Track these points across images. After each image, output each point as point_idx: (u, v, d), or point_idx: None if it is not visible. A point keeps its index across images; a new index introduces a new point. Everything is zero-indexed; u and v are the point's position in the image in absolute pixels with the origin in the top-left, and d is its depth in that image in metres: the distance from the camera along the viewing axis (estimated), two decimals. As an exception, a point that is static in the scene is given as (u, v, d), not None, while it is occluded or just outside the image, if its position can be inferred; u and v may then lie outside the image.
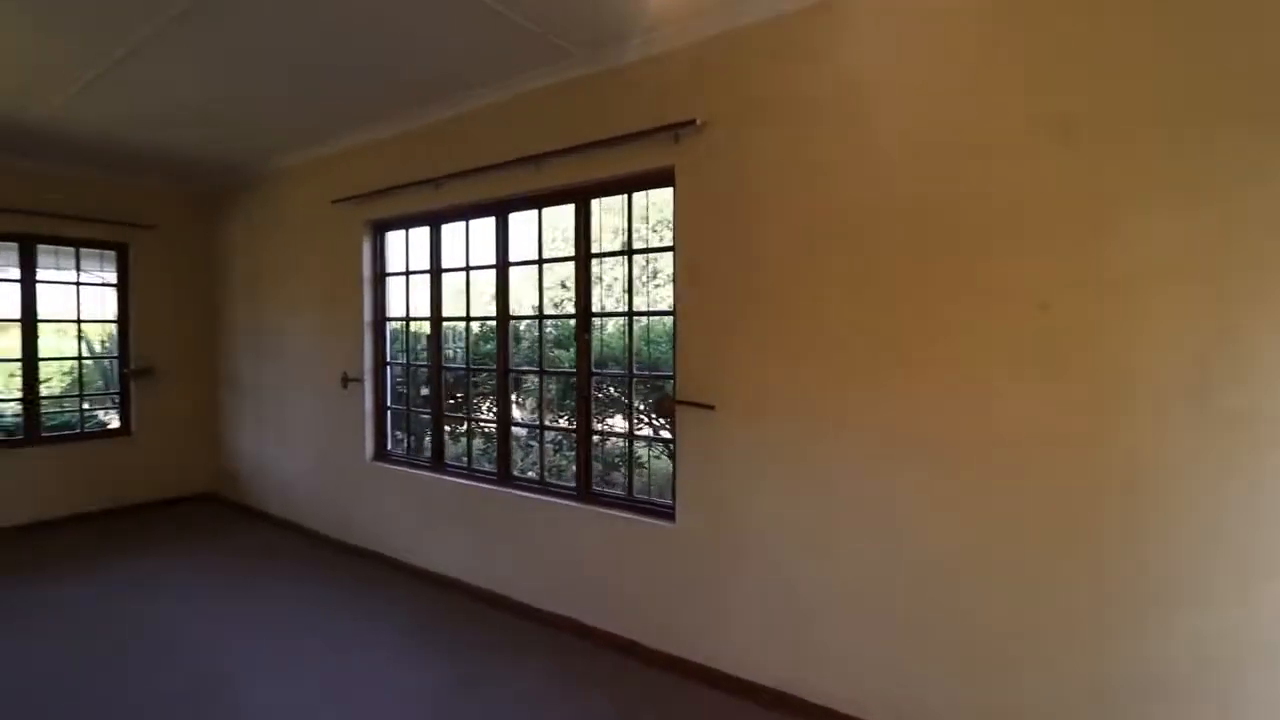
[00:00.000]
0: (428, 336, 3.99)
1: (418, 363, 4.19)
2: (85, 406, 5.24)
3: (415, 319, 4.05)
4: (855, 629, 2.32)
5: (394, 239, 4.14)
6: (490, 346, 4.00)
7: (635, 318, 3.12)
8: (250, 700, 2.51)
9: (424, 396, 4.21)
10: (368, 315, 4.16)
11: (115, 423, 5.30)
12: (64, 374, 5.31)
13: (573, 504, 3.13)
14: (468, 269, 3.69)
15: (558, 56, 2.90)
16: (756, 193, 2.49)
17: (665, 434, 3.39)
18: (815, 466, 2.38)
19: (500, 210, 3.48)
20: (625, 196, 2.99)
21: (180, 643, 2.98)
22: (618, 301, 4.16)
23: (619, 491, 3.14)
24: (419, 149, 3.73)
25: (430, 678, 2.70)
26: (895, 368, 2.20)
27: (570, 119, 3.02)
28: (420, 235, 3.94)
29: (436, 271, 3.86)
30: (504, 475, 3.52)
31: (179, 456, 5.44)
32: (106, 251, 5.15)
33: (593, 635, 3.01)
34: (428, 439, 3.98)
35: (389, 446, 4.22)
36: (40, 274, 4.82)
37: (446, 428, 4.00)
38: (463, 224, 3.70)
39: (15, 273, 4.72)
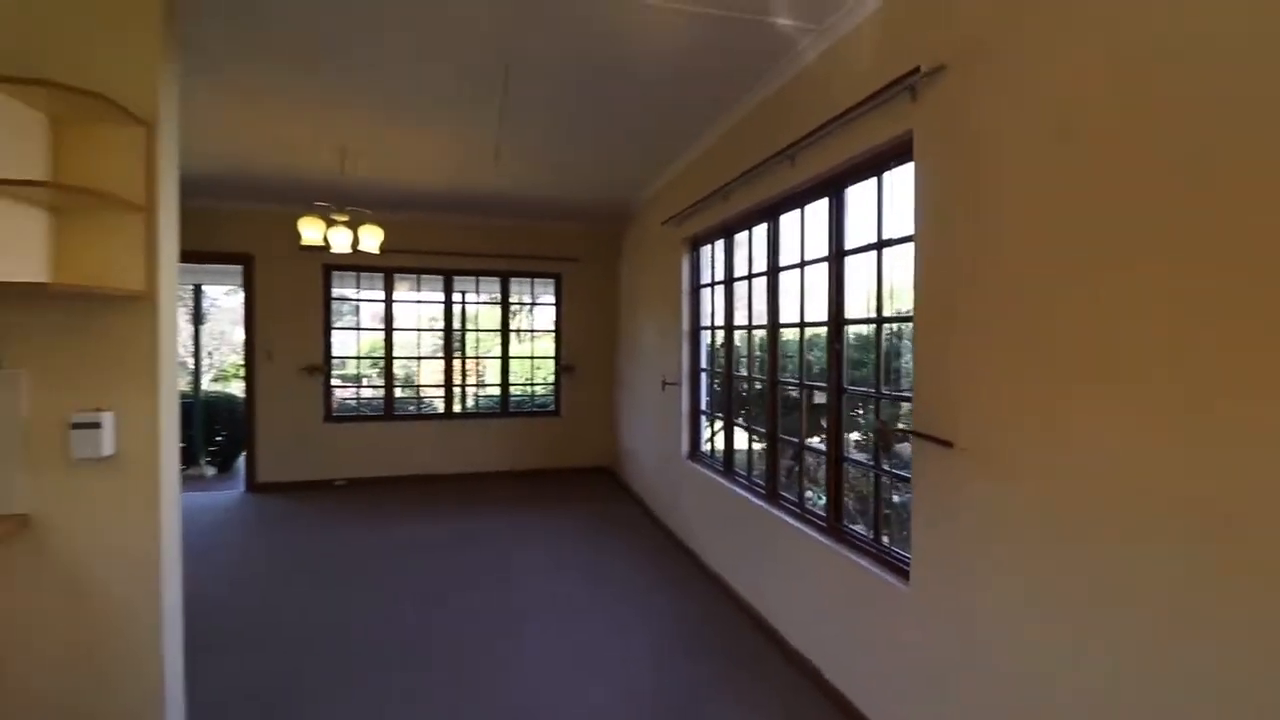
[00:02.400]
0: (720, 345, 4.08)
1: (716, 369, 4.32)
2: (536, 392, 7.18)
3: (715, 327, 4.20)
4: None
5: (705, 252, 4.37)
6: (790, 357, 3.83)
7: (868, 326, 2.55)
8: (543, 627, 3.10)
9: (723, 402, 4.30)
10: (685, 324, 4.51)
11: (551, 406, 7.09)
12: (534, 368, 7.39)
13: (821, 539, 2.76)
14: (750, 276, 3.63)
15: (786, 46, 2.66)
16: (1020, 153, 1.75)
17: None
18: (1087, 557, 1.54)
19: (771, 213, 3.32)
20: (874, 182, 2.48)
21: (529, 572, 3.86)
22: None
23: (865, 532, 2.62)
24: (710, 165, 3.86)
25: (671, 669, 2.80)
26: (1241, 411, 1.25)
27: (808, 103, 2.70)
28: (720, 247, 4.06)
29: (729, 281, 3.92)
30: (771, 493, 3.34)
31: (588, 435, 6.92)
32: (549, 280, 6.93)
33: (828, 692, 2.60)
34: (721, 445, 4.07)
35: (700, 447, 4.48)
36: (512, 297, 6.86)
37: (739, 436, 4.02)
38: (750, 232, 3.66)
39: (498, 296, 6.83)
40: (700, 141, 3.97)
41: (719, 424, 4.15)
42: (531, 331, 7.08)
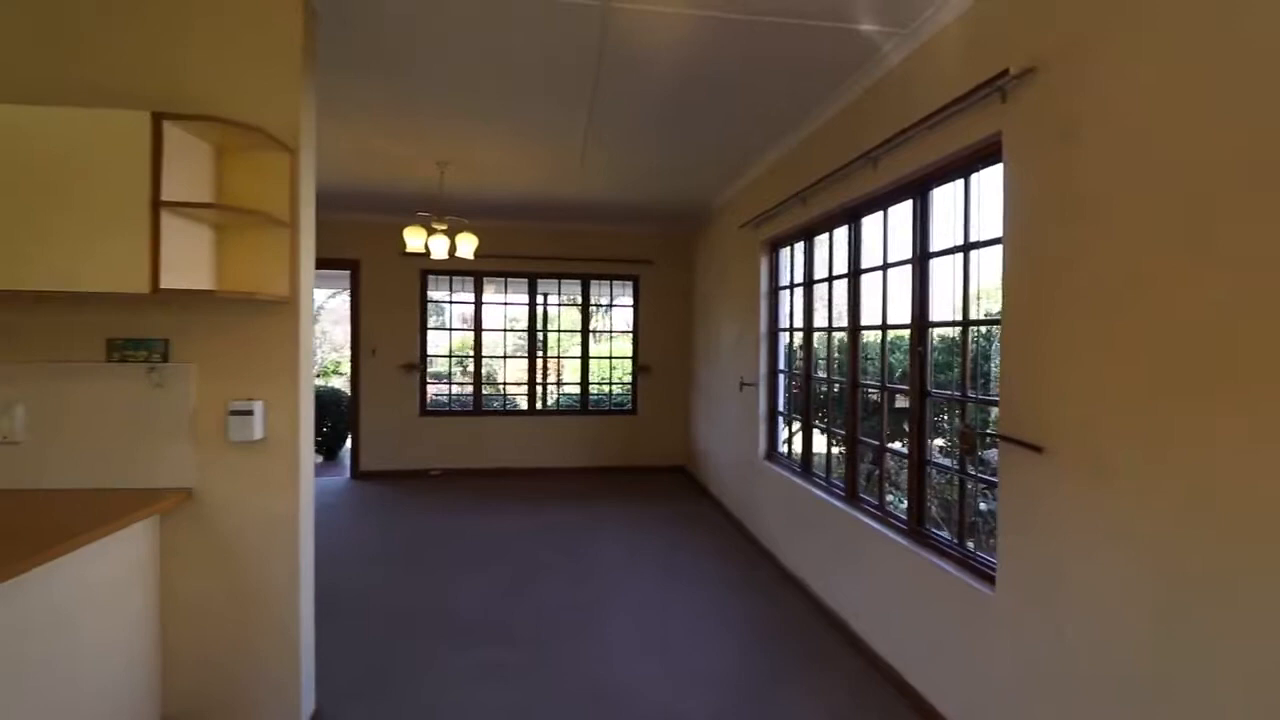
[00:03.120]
0: (798, 347, 4.10)
1: (794, 371, 4.34)
2: (614, 391, 7.38)
3: (793, 329, 4.22)
4: None
5: (784, 254, 4.40)
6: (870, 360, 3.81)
7: (954, 329, 2.52)
8: (619, 614, 3.25)
9: (801, 403, 4.31)
10: (763, 326, 4.55)
11: (628, 405, 7.27)
12: (612, 368, 7.60)
13: (902, 541, 2.76)
14: (830, 279, 3.64)
15: (870, 50, 2.68)
16: (1125, 153, 1.72)
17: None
18: (1188, 562, 1.51)
19: (852, 216, 3.32)
20: (960, 184, 2.46)
21: (607, 564, 4.03)
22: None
23: (948, 536, 2.60)
24: (789, 169, 3.90)
25: (743, 658, 2.89)
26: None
27: (890, 106, 2.71)
28: (799, 249, 4.08)
29: (809, 283, 3.94)
30: (851, 495, 3.34)
31: (663, 434, 7.05)
32: (626, 281, 7.11)
33: (905, 691, 2.60)
34: (799, 446, 4.09)
35: (777, 448, 4.50)
36: (591, 299, 7.09)
37: (817, 438, 4.02)
38: (831, 234, 3.67)
39: (578, 298, 7.07)
40: (779, 146, 4.01)
41: (797, 425, 4.17)
42: (609, 332, 7.29)
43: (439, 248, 4.60)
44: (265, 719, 2.24)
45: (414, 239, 4.43)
